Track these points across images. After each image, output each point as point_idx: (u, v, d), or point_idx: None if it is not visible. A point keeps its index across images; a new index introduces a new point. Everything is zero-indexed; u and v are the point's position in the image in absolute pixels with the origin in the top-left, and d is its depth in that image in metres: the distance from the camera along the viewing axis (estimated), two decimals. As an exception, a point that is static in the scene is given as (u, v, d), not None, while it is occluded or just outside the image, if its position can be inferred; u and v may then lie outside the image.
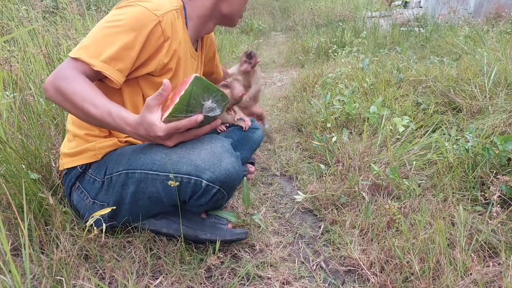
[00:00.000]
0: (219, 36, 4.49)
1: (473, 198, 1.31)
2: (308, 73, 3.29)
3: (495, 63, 2.09)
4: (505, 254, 0.99)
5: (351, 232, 1.24)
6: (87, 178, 1.13)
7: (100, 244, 1.10)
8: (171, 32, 1.08)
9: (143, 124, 0.94)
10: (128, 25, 0.99)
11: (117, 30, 0.99)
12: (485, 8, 4.63)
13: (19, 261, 1.03)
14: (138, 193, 1.06)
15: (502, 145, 1.32)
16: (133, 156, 1.07)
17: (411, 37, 4.23)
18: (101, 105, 0.95)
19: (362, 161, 1.60)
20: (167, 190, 1.03)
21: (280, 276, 1.07)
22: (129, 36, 0.99)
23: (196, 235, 1.13)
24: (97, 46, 0.98)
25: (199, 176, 0.99)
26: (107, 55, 0.97)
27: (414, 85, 2.38)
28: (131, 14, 1.00)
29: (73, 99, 0.94)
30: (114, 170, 1.08)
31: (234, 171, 1.03)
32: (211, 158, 1.01)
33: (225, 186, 1.03)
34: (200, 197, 1.03)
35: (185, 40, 1.17)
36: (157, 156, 1.03)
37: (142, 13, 1.01)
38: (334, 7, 6.85)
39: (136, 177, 1.05)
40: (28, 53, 2.03)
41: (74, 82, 0.95)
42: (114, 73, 0.99)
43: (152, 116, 0.94)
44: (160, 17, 1.03)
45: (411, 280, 0.99)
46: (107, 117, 0.95)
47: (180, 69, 1.17)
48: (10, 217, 1.09)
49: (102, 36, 0.99)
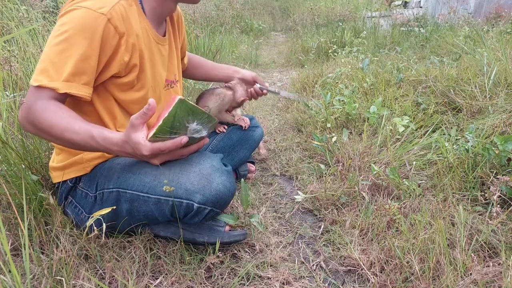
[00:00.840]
0: (218, 36, 4.48)
1: (473, 198, 1.31)
2: (308, 73, 3.29)
3: (495, 63, 2.09)
4: (505, 254, 0.99)
5: (351, 232, 1.24)
6: (79, 192, 1.11)
7: (100, 244, 1.10)
8: (125, 26, 1.00)
9: (128, 143, 0.92)
10: (77, 34, 0.93)
11: (68, 43, 0.93)
12: (485, 8, 4.63)
13: (19, 261, 1.03)
14: (133, 210, 1.06)
15: (502, 145, 1.32)
16: (123, 174, 1.05)
17: (411, 37, 4.23)
18: (82, 131, 0.93)
19: (362, 161, 1.60)
20: (160, 211, 1.03)
21: (280, 276, 1.07)
22: (82, 46, 0.93)
23: (193, 238, 1.13)
24: (54, 66, 0.93)
25: (190, 199, 0.99)
26: (67, 73, 0.93)
27: (414, 85, 2.38)
28: (76, 21, 0.93)
29: (51, 131, 0.93)
30: (105, 186, 1.06)
31: (225, 190, 1.02)
32: (201, 180, 1.00)
33: (218, 206, 1.03)
34: (194, 217, 1.04)
35: (144, 28, 1.08)
36: (147, 178, 1.02)
37: (87, 16, 0.93)
38: (334, 7, 6.84)
39: (128, 196, 1.04)
40: (28, 53, 2.03)
41: (46, 113, 0.92)
42: (80, 89, 0.96)
43: (137, 135, 0.91)
44: (107, 14, 0.95)
45: (411, 280, 0.99)
46: (90, 141, 0.93)
47: (145, 62, 1.09)
48: (10, 217, 1.09)
49: (55, 55, 0.93)
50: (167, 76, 1.22)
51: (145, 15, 1.10)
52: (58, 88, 0.92)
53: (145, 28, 1.08)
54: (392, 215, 1.22)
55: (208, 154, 1.09)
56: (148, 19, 1.11)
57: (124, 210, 1.06)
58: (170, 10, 1.17)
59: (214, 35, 4.45)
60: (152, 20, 1.12)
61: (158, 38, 1.15)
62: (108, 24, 0.95)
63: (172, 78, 1.26)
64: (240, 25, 6.32)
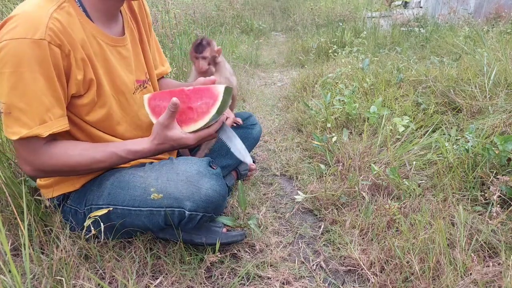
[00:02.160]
0: (219, 36, 4.49)
1: (473, 198, 1.31)
2: (308, 73, 3.30)
3: (495, 63, 2.09)
4: (505, 254, 0.99)
5: (351, 232, 1.24)
6: (68, 210, 1.09)
7: (100, 244, 1.10)
8: (67, 41, 0.88)
9: (167, 142, 0.99)
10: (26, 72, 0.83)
11: (23, 84, 0.84)
12: (485, 8, 4.63)
13: (19, 261, 1.04)
14: (126, 225, 1.05)
15: (502, 145, 1.32)
16: (113, 190, 1.04)
17: (411, 37, 4.23)
18: (106, 157, 0.98)
19: (362, 161, 1.60)
20: (153, 222, 1.03)
21: (280, 276, 1.07)
22: (39, 81, 0.85)
23: (191, 239, 1.13)
24: (23, 112, 0.86)
25: (181, 207, 0.99)
26: (38, 114, 0.87)
27: (414, 85, 2.38)
28: (16, 57, 0.82)
29: (76, 171, 0.98)
30: (94, 202, 1.05)
31: (215, 194, 1.01)
32: (189, 187, 0.99)
33: (210, 210, 1.03)
34: (187, 223, 1.03)
35: (91, 35, 0.96)
36: (136, 192, 1.01)
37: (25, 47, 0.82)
38: (334, 7, 6.84)
39: (119, 212, 1.03)
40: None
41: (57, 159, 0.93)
42: (59, 124, 0.91)
43: (174, 132, 0.98)
44: (46, 38, 0.83)
45: (411, 280, 0.99)
46: (120, 160, 1.00)
47: (100, 74, 0.98)
48: (10, 217, 1.09)
49: (17, 99, 0.85)
50: (137, 77, 1.13)
51: (89, 18, 0.97)
52: (41, 134, 0.88)
53: (91, 34, 0.96)
54: (392, 215, 1.22)
55: (195, 160, 1.07)
56: (95, 22, 0.98)
57: (117, 224, 1.05)
58: (116, 4, 1.02)
59: (215, 35, 4.45)
60: (99, 21, 0.99)
61: (113, 40, 1.03)
62: (51, 46, 0.85)
63: (144, 78, 1.17)
64: (241, 25, 6.31)
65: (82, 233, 1.03)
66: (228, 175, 1.54)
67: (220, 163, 1.47)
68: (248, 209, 1.38)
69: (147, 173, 1.04)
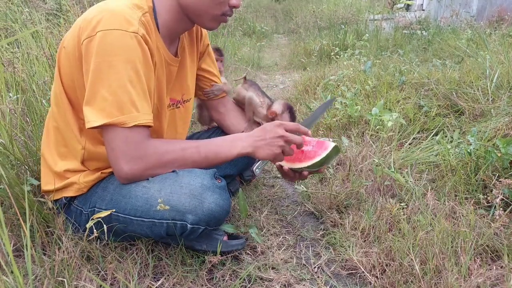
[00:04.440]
0: (221, 39, 4.49)
1: (476, 201, 1.30)
2: (310, 76, 3.30)
3: (497, 66, 2.09)
4: (507, 257, 0.99)
5: (352, 234, 1.24)
6: (74, 209, 1.09)
7: (102, 245, 1.11)
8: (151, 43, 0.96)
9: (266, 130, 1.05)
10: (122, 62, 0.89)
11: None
12: (488, 11, 4.63)
13: (21, 262, 1.04)
14: (128, 231, 1.05)
15: (505, 148, 1.31)
16: (115, 196, 1.03)
17: (413, 40, 4.23)
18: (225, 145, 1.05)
19: (364, 163, 1.60)
20: (155, 233, 1.02)
21: (281, 278, 1.06)
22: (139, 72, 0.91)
23: (192, 245, 1.12)
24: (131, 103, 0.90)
25: (183, 220, 0.98)
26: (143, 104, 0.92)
27: (416, 88, 2.38)
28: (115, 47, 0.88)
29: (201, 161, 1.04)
30: (97, 204, 1.05)
31: (218, 209, 1.00)
32: (192, 201, 0.98)
33: (212, 224, 1.02)
34: (189, 235, 1.03)
35: (156, 46, 1.01)
36: (138, 202, 1.00)
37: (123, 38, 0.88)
38: (337, 10, 6.85)
39: (121, 220, 1.02)
40: (31, 55, 2.04)
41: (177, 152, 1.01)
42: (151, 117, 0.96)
43: None
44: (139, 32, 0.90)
45: (412, 282, 0.99)
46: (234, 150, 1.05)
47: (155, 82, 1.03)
48: (13, 218, 1.09)
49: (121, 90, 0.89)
50: (172, 95, 1.17)
51: (159, 31, 1.02)
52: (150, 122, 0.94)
53: (157, 46, 1.01)
54: (394, 218, 1.22)
55: (199, 172, 1.04)
56: (161, 36, 1.03)
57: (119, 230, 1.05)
58: (186, 27, 1.09)
59: (217, 37, 4.46)
60: (164, 37, 1.05)
61: (170, 59, 1.09)
62: (142, 42, 0.92)
63: (179, 98, 1.21)
64: (243, 28, 6.33)
65: (84, 234, 1.03)
66: (232, 181, 1.53)
67: (224, 171, 1.45)
68: (249, 211, 1.38)
69: (150, 184, 1.01)
